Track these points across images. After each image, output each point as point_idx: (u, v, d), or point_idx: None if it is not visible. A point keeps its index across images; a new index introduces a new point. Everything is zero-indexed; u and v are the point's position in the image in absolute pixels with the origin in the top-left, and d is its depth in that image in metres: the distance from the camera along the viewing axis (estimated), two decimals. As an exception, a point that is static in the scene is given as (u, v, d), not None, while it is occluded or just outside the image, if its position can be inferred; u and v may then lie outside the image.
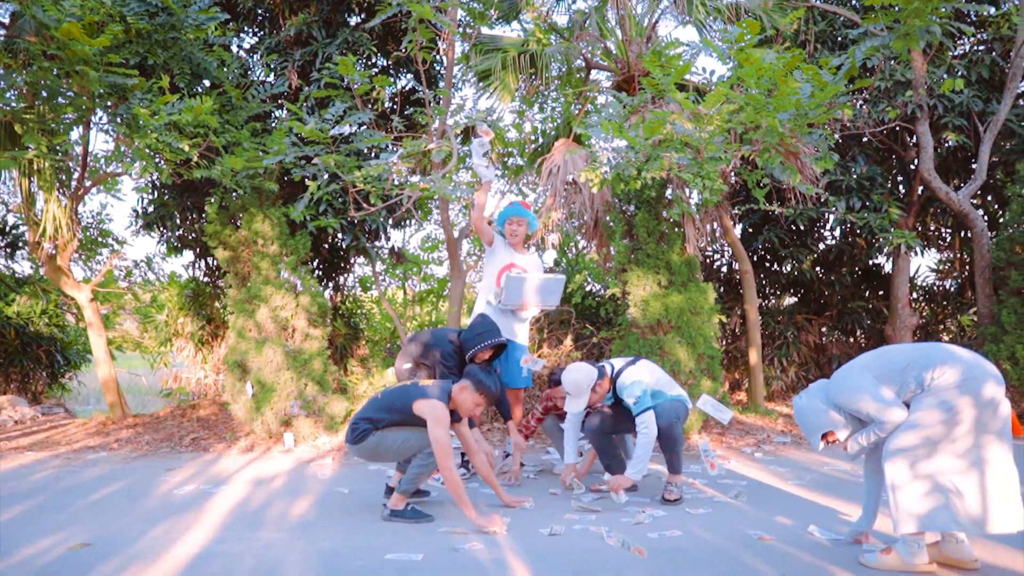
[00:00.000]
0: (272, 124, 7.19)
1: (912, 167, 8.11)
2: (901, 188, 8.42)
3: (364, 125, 6.70)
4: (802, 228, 8.30)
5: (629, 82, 7.50)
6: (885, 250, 7.74)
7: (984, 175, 7.27)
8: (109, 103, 5.92)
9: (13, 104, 5.90)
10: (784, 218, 7.93)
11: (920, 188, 8.00)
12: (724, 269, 9.08)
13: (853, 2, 7.88)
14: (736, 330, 8.68)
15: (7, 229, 9.02)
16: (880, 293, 8.85)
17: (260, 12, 7.58)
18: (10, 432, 7.23)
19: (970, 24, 7.75)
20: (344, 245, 7.71)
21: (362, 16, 7.51)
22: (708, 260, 9.01)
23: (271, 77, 7.34)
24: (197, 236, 7.76)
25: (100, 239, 9.32)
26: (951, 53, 7.66)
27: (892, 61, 7.23)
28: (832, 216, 7.93)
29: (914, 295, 9.06)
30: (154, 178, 7.36)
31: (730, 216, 7.79)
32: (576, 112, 8.07)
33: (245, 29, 7.69)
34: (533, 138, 9.03)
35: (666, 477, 4.52)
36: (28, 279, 9.46)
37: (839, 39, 7.58)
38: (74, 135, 6.91)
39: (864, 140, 7.79)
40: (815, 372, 8.60)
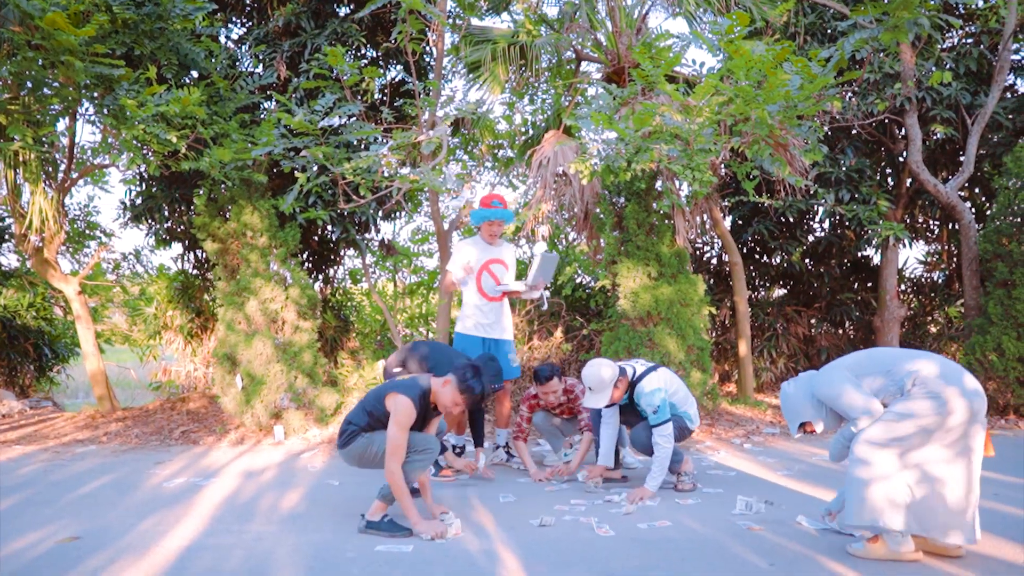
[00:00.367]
0: (261, 115, 7.14)
1: (901, 159, 8.15)
2: (890, 180, 8.47)
3: (353, 117, 6.67)
4: (791, 220, 8.33)
5: (619, 74, 7.49)
6: (874, 242, 7.78)
7: (972, 167, 7.31)
8: (95, 94, 5.86)
9: (-2, 95, 5.84)
10: (773, 210, 7.96)
11: (908, 180, 8.04)
12: (714, 261, 9.11)
13: (843, -6, 7.89)
14: (726, 322, 8.72)
15: (-7, 221, 8.95)
16: (869, 285, 8.90)
17: (248, 2, 7.52)
18: (-3, 426, 7.19)
19: (958, 17, 7.78)
20: (334, 237, 7.68)
21: (351, 6, 7.46)
22: (698, 252, 9.03)
23: (259, 68, 7.29)
24: (186, 228, 7.72)
25: (88, 231, 9.26)
26: (939, 46, 7.69)
27: (881, 53, 7.26)
28: (821, 208, 7.97)
29: (902, 287, 9.12)
30: (142, 170, 7.31)
31: (720, 208, 7.81)
32: (566, 104, 8.06)
33: (233, 19, 7.63)
34: (523, 130, 9.02)
35: (674, 481, 4.52)
36: (15, 272, 9.39)
37: (828, 31, 7.60)
38: (60, 126, 6.86)
39: (853, 132, 7.82)
40: (804, 364, 8.66)
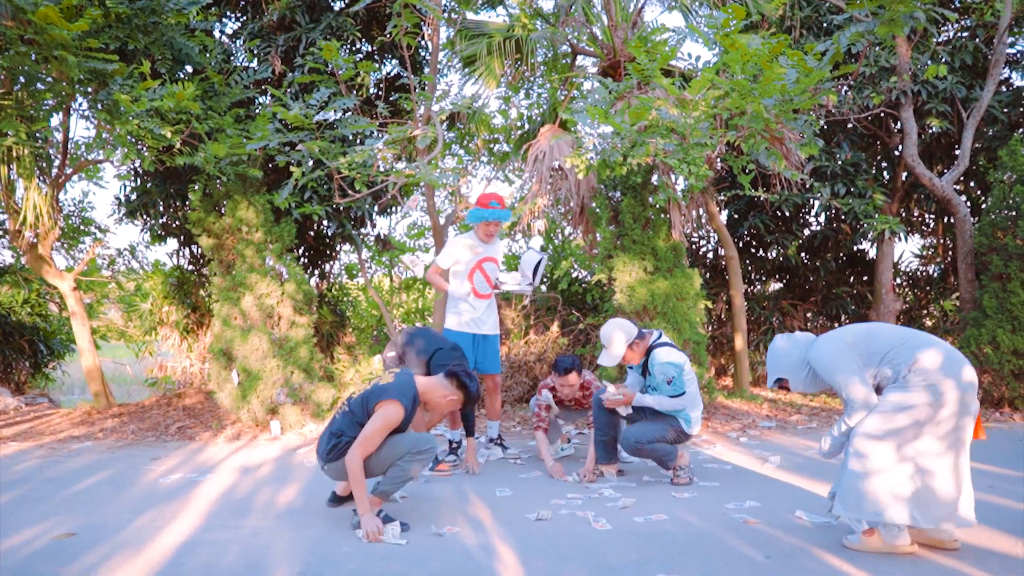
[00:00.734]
0: (256, 110, 7.12)
1: (896, 153, 8.16)
2: (885, 174, 8.47)
3: (349, 111, 6.65)
4: (787, 214, 8.33)
5: (615, 68, 7.48)
6: (869, 236, 7.79)
7: (967, 161, 7.32)
8: (89, 89, 5.84)
9: (-9, 90, 5.81)
10: (769, 204, 7.96)
11: (904, 174, 8.05)
12: (710, 255, 9.11)
13: (838, -12, 7.88)
14: (722, 316, 8.72)
15: (-13, 217, 8.91)
16: (864, 279, 8.91)
17: (242, -3, 7.49)
18: (-7, 422, 7.17)
19: (954, 10, 7.78)
20: (329, 232, 7.68)
21: (346, 1, 7.43)
22: (694, 246, 9.04)
23: (254, 63, 7.26)
24: (181, 224, 7.70)
25: (82, 227, 9.24)
26: (935, 39, 7.69)
27: (877, 47, 7.25)
28: (817, 202, 7.97)
29: (898, 280, 9.14)
30: (136, 165, 7.29)
31: (716, 202, 7.81)
32: (562, 98, 8.05)
33: (227, 14, 7.60)
34: (519, 124, 9.00)
35: (670, 475, 4.54)
36: (9, 268, 9.36)
37: (824, 25, 7.59)
38: (54, 121, 6.83)
39: (849, 126, 7.83)
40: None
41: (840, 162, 7.51)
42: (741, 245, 8.77)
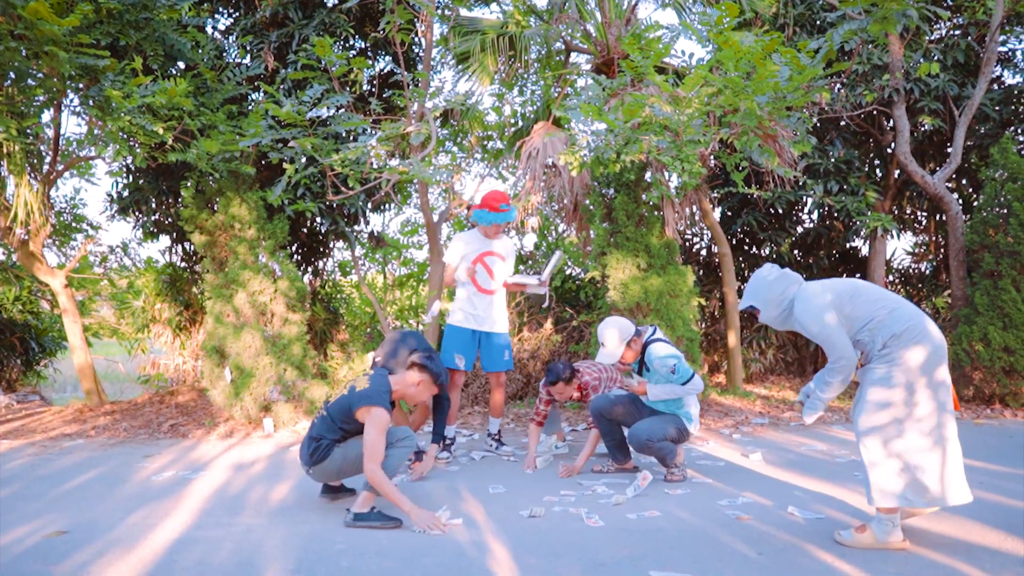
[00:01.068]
0: (248, 107, 7.09)
1: (889, 151, 8.18)
2: (878, 172, 8.50)
3: (342, 108, 6.63)
4: (780, 211, 8.35)
5: (609, 65, 7.48)
6: (862, 233, 7.82)
7: (959, 159, 7.34)
8: (80, 85, 5.80)
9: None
10: (763, 201, 7.98)
11: (896, 172, 8.07)
12: (703, 252, 9.13)
13: (831, -15, 7.89)
14: (715, 313, 8.74)
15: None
16: (857, 276, 8.94)
17: (235, -8, 7.46)
18: (-16, 420, 7.13)
19: (946, 8, 7.80)
20: (323, 229, 7.66)
21: (339, -3, 7.41)
22: (687, 243, 9.05)
23: (247, 59, 7.23)
24: (173, 221, 7.66)
25: (74, 224, 9.17)
26: (927, 37, 7.72)
27: (869, 45, 7.27)
28: (810, 199, 7.99)
29: (890, 278, 9.17)
30: (128, 162, 7.25)
31: (709, 199, 7.82)
32: (556, 95, 8.04)
33: (220, 10, 7.56)
34: (512, 121, 8.99)
35: (665, 473, 4.56)
36: (1, 265, 9.30)
37: (817, 22, 7.60)
38: (45, 118, 6.77)
39: (842, 123, 7.84)
40: (793, 354, 8.71)
41: (833, 160, 7.53)
42: (734, 242, 8.78)
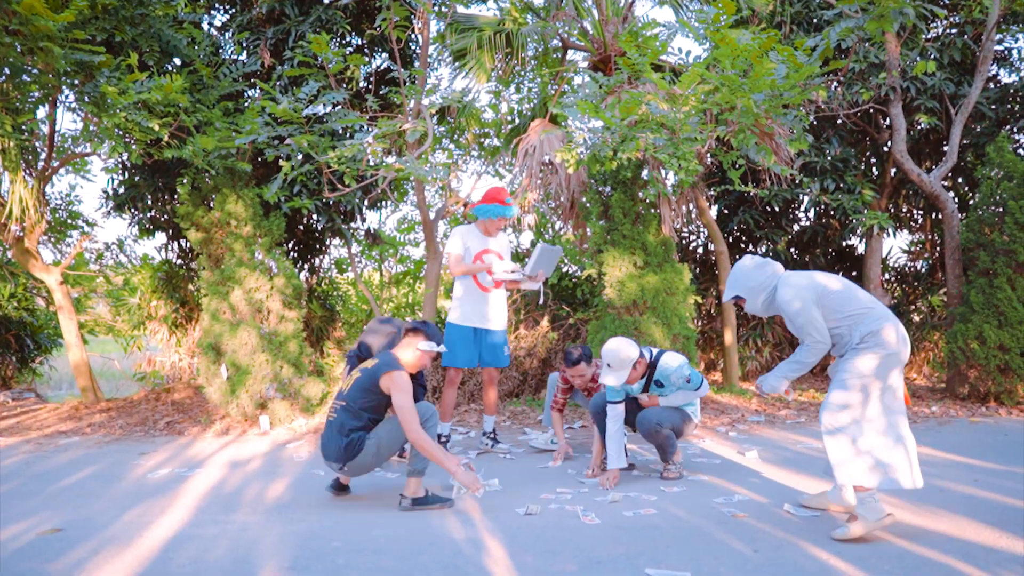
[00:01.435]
0: (244, 103, 7.07)
1: (885, 149, 8.20)
2: (874, 170, 8.51)
3: (338, 105, 6.61)
4: (777, 209, 8.36)
5: (605, 62, 7.48)
6: (858, 231, 7.83)
7: (955, 157, 7.36)
8: (76, 81, 5.78)
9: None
10: (759, 199, 7.99)
11: (893, 170, 8.09)
12: (700, 250, 9.14)
13: (828, -17, 7.90)
14: (711, 311, 8.75)
15: (-28, 211, 8.81)
16: (853, 274, 8.96)
17: (231, -12, 7.43)
18: (-21, 417, 7.11)
19: (943, 7, 7.81)
20: (319, 226, 7.64)
21: (336, -7, 7.39)
22: (684, 241, 9.06)
23: (243, 55, 7.21)
24: (169, 217, 7.65)
25: (69, 221, 9.14)
26: (924, 36, 7.72)
27: (866, 43, 7.27)
28: (806, 197, 8.00)
29: (886, 276, 9.19)
30: (124, 158, 7.22)
31: (705, 197, 7.83)
32: (552, 92, 8.04)
33: (216, 6, 7.54)
34: (509, 118, 8.99)
35: (661, 468, 4.57)
36: (-5, 262, 9.26)
37: (814, 20, 7.61)
38: (40, 114, 6.76)
39: (838, 122, 7.85)
40: (789, 352, 8.71)
41: (829, 158, 7.54)
42: (731, 240, 8.79)
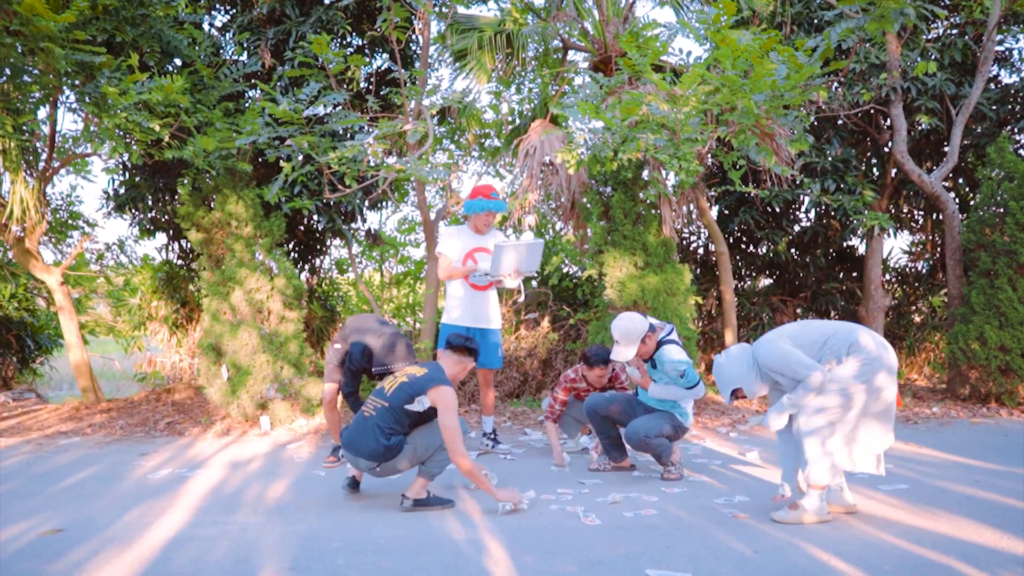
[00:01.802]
0: (245, 104, 7.07)
1: (886, 149, 8.19)
2: (875, 170, 8.50)
3: (339, 105, 6.62)
4: (777, 210, 8.35)
5: (606, 63, 7.48)
6: (859, 232, 7.82)
7: (956, 158, 7.35)
8: (76, 81, 5.78)
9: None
10: (760, 200, 7.98)
11: (893, 170, 8.08)
12: (700, 251, 9.13)
13: (829, -16, 7.89)
14: (712, 311, 8.74)
15: (-27, 211, 8.81)
16: (854, 275, 8.95)
17: (232, -11, 7.43)
18: (-20, 417, 7.11)
19: (943, 7, 7.80)
20: (320, 227, 7.64)
21: (336, -6, 7.39)
22: (684, 241, 9.05)
23: (244, 56, 7.21)
24: (170, 218, 7.64)
25: (70, 221, 9.14)
26: (925, 36, 7.72)
27: (867, 43, 7.27)
28: (807, 198, 7.99)
29: (887, 276, 9.18)
30: (124, 159, 7.22)
31: (706, 198, 7.82)
32: (553, 93, 8.04)
33: (216, 7, 7.54)
34: (510, 119, 8.99)
35: (661, 470, 4.57)
36: (-4, 262, 9.26)
37: (815, 21, 7.60)
38: (41, 114, 6.76)
39: (839, 122, 7.84)
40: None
41: (830, 158, 7.53)
42: (731, 241, 8.79)
